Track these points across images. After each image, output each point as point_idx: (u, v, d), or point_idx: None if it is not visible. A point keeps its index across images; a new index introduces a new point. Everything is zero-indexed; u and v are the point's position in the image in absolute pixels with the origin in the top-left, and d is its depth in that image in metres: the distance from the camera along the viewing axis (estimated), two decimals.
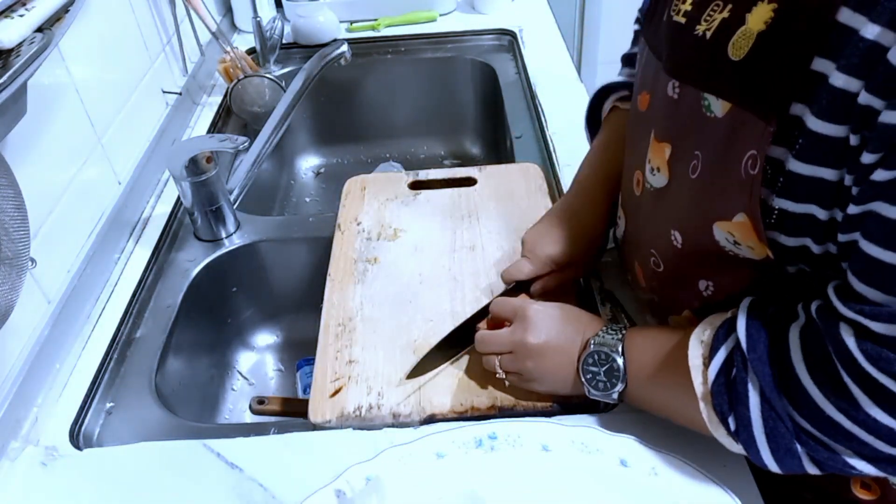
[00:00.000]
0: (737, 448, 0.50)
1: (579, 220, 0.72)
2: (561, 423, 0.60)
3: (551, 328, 0.61)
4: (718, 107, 0.48)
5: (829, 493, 0.61)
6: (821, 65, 0.40)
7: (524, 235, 0.74)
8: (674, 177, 0.55)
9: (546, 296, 0.70)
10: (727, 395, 0.49)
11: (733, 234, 0.49)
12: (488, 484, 0.56)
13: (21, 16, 0.61)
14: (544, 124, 1.08)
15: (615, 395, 0.59)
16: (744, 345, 0.48)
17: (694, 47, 0.50)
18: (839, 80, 0.39)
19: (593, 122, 0.82)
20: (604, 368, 0.58)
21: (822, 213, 0.44)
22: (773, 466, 0.48)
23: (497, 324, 0.66)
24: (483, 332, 0.65)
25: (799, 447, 0.47)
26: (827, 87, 0.40)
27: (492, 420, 0.62)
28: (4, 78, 0.57)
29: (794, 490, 0.63)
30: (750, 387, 0.48)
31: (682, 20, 0.52)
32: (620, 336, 0.59)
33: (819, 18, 0.40)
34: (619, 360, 0.58)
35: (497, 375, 0.63)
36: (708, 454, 0.57)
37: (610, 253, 0.80)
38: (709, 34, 0.49)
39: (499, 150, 1.31)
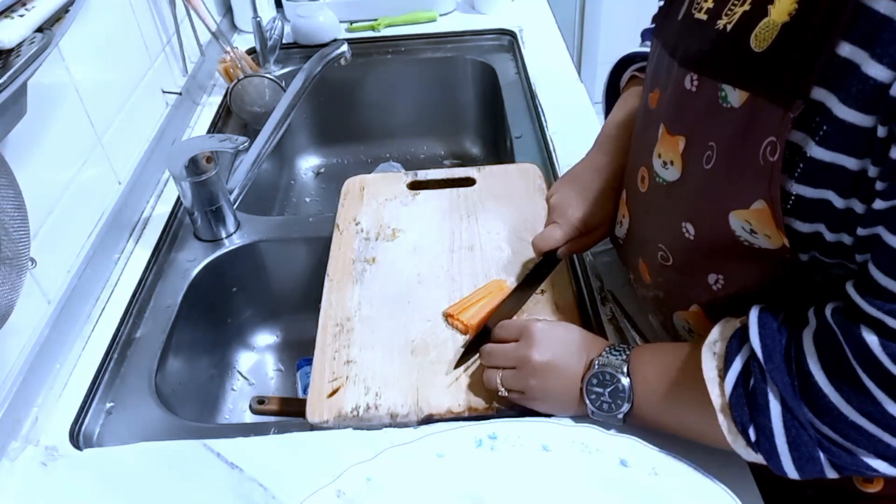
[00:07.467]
0: (755, 458, 0.50)
1: (602, 178, 0.72)
2: (561, 423, 0.60)
3: (556, 346, 0.61)
4: (736, 97, 0.48)
5: (831, 487, 0.60)
6: (852, 52, 0.40)
7: (550, 200, 0.73)
8: (687, 169, 0.56)
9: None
10: (747, 406, 0.49)
11: (750, 222, 0.49)
12: (488, 484, 0.56)
13: (21, 16, 0.61)
14: (544, 124, 1.08)
15: (620, 416, 0.59)
16: (760, 355, 0.48)
17: (714, 41, 0.51)
18: (873, 69, 0.40)
19: (611, 92, 0.82)
20: (608, 389, 0.58)
21: (838, 201, 0.44)
22: (794, 474, 0.48)
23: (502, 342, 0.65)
24: (489, 345, 0.65)
25: (821, 454, 0.47)
26: (859, 76, 0.40)
27: (492, 420, 0.62)
28: (4, 78, 0.57)
29: (795, 486, 0.63)
30: (770, 397, 0.47)
31: (704, 17, 0.53)
32: (625, 356, 0.59)
33: (842, 5, 0.41)
34: (625, 381, 0.57)
35: (499, 393, 0.62)
36: (708, 454, 0.57)
37: (610, 253, 0.80)
38: (729, 27, 0.50)
39: (499, 150, 1.31)
